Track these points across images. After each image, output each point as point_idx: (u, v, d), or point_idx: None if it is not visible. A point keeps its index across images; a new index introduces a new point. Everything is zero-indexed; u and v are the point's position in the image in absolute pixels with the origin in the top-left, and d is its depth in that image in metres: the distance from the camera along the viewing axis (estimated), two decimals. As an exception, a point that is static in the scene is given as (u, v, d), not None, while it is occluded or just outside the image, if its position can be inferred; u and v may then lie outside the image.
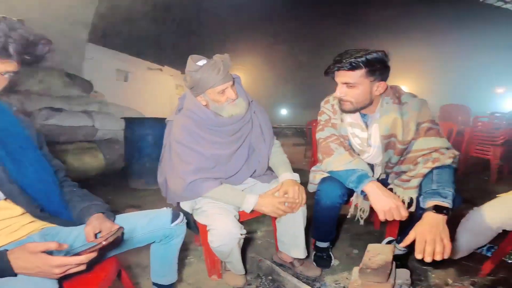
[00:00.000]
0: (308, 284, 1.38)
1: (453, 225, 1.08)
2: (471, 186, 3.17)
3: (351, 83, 1.22)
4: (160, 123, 3.20)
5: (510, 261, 1.57)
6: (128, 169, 3.42)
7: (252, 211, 1.33)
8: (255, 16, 9.66)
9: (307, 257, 1.52)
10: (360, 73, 1.19)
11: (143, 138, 3.20)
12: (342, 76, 1.22)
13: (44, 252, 0.71)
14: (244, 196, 1.31)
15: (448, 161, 1.18)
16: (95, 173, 3.64)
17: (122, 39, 6.90)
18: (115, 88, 7.02)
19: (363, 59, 1.17)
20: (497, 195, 1.30)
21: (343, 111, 1.33)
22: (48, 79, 3.91)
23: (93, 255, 0.76)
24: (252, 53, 11.89)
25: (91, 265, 0.88)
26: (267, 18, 9.76)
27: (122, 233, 0.94)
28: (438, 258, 0.96)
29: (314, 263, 1.58)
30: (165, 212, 1.11)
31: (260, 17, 9.74)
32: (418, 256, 0.98)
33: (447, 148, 1.22)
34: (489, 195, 1.23)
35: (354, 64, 1.18)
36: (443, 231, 1.01)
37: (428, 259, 0.96)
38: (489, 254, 1.53)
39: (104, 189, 3.17)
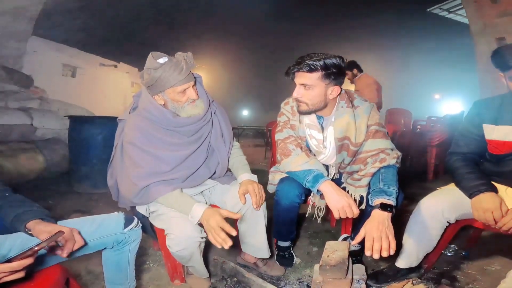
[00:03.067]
0: (273, 283, 1.40)
1: (396, 222, 1.16)
2: (411, 184, 3.51)
3: (308, 85, 1.27)
4: (111, 122, 2.95)
5: (449, 254, 1.74)
6: (73, 171, 3.13)
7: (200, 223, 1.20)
8: (218, 16, 9.57)
9: (270, 257, 1.53)
10: (316, 75, 1.24)
11: (91, 138, 2.95)
12: (300, 77, 1.27)
13: None
14: (193, 205, 1.20)
15: (393, 161, 1.29)
16: (35, 176, 3.29)
17: (71, 33, 6.33)
18: (60, 84, 6.42)
19: (321, 62, 1.22)
20: (437, 188, 1.42)
21: (299, 112, 1.38)
22: (-22, 72, 3.46)
23: (28, 261, 0.70)
24: (214, 53, 11.75)
25: (31, 273, 0.83)
26: (230, 19, 9.73)
27: (83, 240, 0.91)
28: (384, 254, 1.03)
29: (277, 262, 1.61)
30: (116, 217, 1.07)
31: (223, 18, 9.67)
32: (367, 253, 1.04)
33: (392, 149, 1.34)
34: (427, 192, 1.35)
35: (312, 67, 1.23)
36: (388, 227, 1.09)
37: (376, 256, 1.03)
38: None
39: (45, 194, 2.88)
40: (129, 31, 8.34)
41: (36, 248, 0.72)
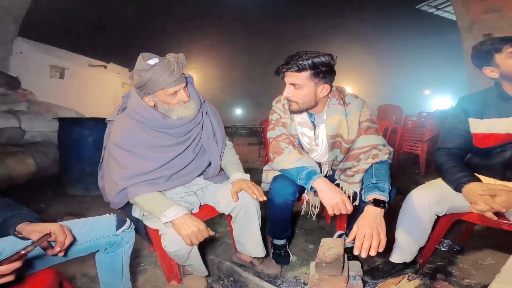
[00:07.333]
0: (269, 282, 1.39)
1: (390, 218, 1.17)
2: (403, 179, 3.56)
3: (297, 84, 1.27)
4: (101, 124, 2.94)
5: (444, 249, 1.75)
6: (64, 174, 3.09)
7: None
8: (209, 15, 9.52)
9: (266, 255, 1.53)
10: (305, 74, 1.24)
11: (81, 140, 2.91)
12: (290, 77, 1.27)
13: None
14: (169, 207, 1.15)
15: (385, 157, 1.30)
16: (25, 180, 3.22)
17: (58, 33, 6.21)
18: (48, 85, 6.31)
19: (309, 61, 1.22)
20: (426, 182, 1.44)
21: (290, 111, 1.38)
22: (-37, 74, 3.38)
23: (16, 265, 0.69)
24: (206, 52, 11.69)
25: (23, 276, 0.83)
26: (222, 17, 9.69)
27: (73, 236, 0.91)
28: (372, 253, 1.03)
29: (273, 260, 1.60)
30: (108, 219, 1.06)
31: (215, 16, 9.63)
32: (355, 252, 1.04)
33: (384, 145, 1.35)
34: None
35: (300, 66, 1.23)
36: (380, 224, 1.10)
37: (363, 255, 1.03)
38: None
39: (36, 197, 2.83)
40: (119, 31, 8.24)
41: (22, 252, 0.71)
